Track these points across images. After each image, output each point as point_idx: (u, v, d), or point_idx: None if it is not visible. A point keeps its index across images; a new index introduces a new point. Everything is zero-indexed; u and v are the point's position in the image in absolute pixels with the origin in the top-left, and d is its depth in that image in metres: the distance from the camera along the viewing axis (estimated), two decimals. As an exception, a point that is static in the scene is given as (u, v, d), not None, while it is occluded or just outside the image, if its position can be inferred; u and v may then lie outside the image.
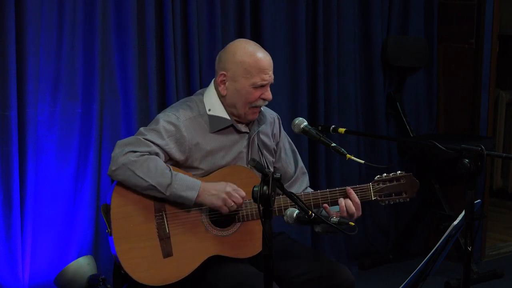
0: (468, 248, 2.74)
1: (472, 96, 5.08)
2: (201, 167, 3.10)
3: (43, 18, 3.56)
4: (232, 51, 3.11)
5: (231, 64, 3.08)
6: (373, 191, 3.11)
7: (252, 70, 3.06)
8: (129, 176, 2.97)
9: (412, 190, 3.15)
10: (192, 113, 3.12)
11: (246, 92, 3.07)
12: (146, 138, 3.02)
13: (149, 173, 2.95)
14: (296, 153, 3.37)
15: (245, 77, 3.06)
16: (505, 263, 5.06)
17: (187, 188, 2.97)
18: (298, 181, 3.32)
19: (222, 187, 2.99)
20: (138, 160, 2.97)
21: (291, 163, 3.32)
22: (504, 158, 2.96)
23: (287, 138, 3.36)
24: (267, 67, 3.08)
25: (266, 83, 3.08)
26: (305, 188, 3.33)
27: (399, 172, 3.14)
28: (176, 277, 3.00)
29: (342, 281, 3.06)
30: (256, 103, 3.10)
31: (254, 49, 3.10)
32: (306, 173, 3.37)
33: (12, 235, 3.50)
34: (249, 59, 3.07)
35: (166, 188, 2.96)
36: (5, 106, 3.46)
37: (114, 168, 2.99)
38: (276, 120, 3.32)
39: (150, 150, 3.01)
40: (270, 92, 3.11)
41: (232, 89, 3.09)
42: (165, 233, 3.00)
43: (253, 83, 3.06)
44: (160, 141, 3.03)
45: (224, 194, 2.97)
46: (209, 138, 3.11)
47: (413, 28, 5.05)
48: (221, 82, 3.11)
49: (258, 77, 3.06)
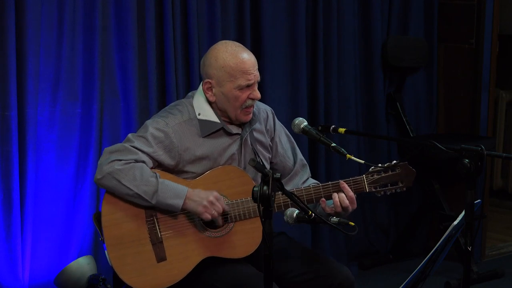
0: (468, 248, 2.74)
1: (472, 96, 5.08)
2: (193, 171, 3.07)
3: (43, 18, 3.56)
4: (214, 56, 3.07)
5: (214, 70, 3.05)
6: (367, 182, 3.06)
7: (235, 72, 3.03)
8: (115, 185, 2.95)
9: (408, 179, 3.10)
10: (182, 118, 3.09)
11: (233, 96, 3.05)
12: (134, 145, 2.99)
13: (135, 181, 2.93)
14: (294, 145, 3.33)
15: (229, 81, 3.03)
16: (505, 263, 5.06)
17: (173, 196, 2.95)
18: (298, 174, 3.30)
19: (205, 195, 2.97)
20: (123, 169, 2.94)
21: (290, 157, 3.29)
22: (504, 158, 2.96)
23: (284, 131, 3.32)
24: (250, 67, 3.05)
25: (251, 82, 3.05)
26: (306, 179, 3.31)
27: (394, 161, 3.11)
28: (171, 281, 2.99)
29: (341, 281, 3.05)
30: (245, 104, 3.08)
31: (235, 51, 3.06)
32: (306, 165, 3.33)
33: (12, 235, 3.51)
34: (230, 62, 3.03)
35: (152, 196, 2.94)
36: (5, 106, 3.46)
37: (99, 176, 2.97)
38: (270, 115, 3.28)
39: (137, 158, 2.98)
40: (257, 91, 3.08)
41: (219, 95, 3.07)
42: (157, 237, 2.99)
43: (238, 85, 3.03)
44: (147, 148, 3.00)
45: (206, 202, 2.96)
46: (200, 143, 3.09)
47: (413, 28, 5.05)
48: (207, 89, 3.09)
49: (242, 79, 3.03)
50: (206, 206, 2.96)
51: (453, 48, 5.13)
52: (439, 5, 5.10)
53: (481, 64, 5.01)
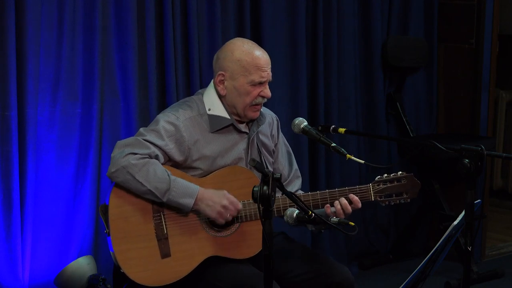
0: (468, 248, 2.74)
1: (472, 96, 5.08)
2: (200, 167, 3.09)
3: (43, 18, 3.56)
4: (230, 50, 3.11)
5: (229, 62, 3.09)
6: (373, 191, 3.11)
7: (250, 67, 3.07)
8: (128, 179, 2.96)
9: (413, 190, 3.14)
10: (192, 113, 3.12)
11: (244, 90, 3.08)
12: (146, 139, 3.02)
13: (148, 177, 2.95)
14: (291, 155, 3.38)
15: (243, 75, 3.07)
16: (505, 263, 5.06)
17: (184, 195, 2.97)
18: (291, 183, 3.33)
19: (219, 199, 2.99)
20: (137, 164, 2.96)
21: (286, 166, 3.33)
22: (504, 158, 2.96)
23: (283, 141, 3.37)
24: (265, 65, 3.09)
25: (264, 80, 3.09)
26: (296, 190, 3.32)
27: (400, 172, 3.13)
28: (174, 277, 3.00)
29: (341, 281, 3.06)
30: (255, 100, 3.10)
31: (251, 47, 3.11)
32: (300, 177, 3.38)
33: (12, 235, 3.50)
34: (246, 57, 3.07)
35: (163, 194, 2.96)
36: (5, 106, 3.46)
37: (113, 170, 2.98)
38: (275, 122, 3.32)
39: (150, 153, 3.00)
40: (269, 89, 3.12)
41: (231, 88, 3.10)
42: (163, 233, 3.00)
43: (251, 81, 3.07)
44: (160, 142, 3.02)
45: (220, 207, 2.98)
46: (209, 138, 3.11)
47: (413, 28, 5.05)
48: (219, 82, 3.12)
49: (256, 75, 3.07)
50: (220, 212, 2.99)
51: (453, 48, 5.13)
52: (439, 5, 5.10)
53: (481, 64, 5.01)
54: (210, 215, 2.99)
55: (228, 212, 2.99)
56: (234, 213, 3.00)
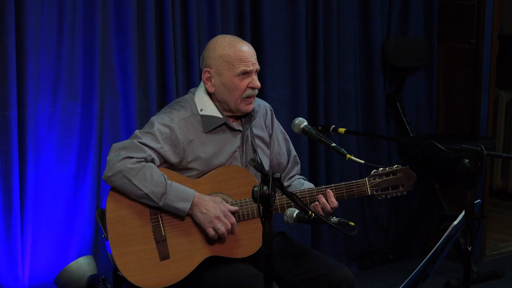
0: (468, 248, 2.74)
1: (472, 96, 5.08)
2: (196, 168, 3.09)
3: (43, 18, 3.56)
4: (212, 47, 3.12)
5: (213, 59, 3.09)
6: (370, 185, 3.10)
7: (233, 61, 3.07)
8: (124, 183, 2.95)
9: (409, 183, 3.14)
10: (185, 113, 3.11)
11: (232, 84, 3.07)
12: (142, 142, 3.00)
13: (145, 181, 2.94)
14: (289, 142, 3.37)
15: (228, 69, 3.07)
16: (505, 263, 5.06)
17: (180, 199, 2.96)
18: (291, 170, 3.33)
19: (214, 209, 2.99)
20: (134, 168, 2.95)
21: (284, 154, 3.32)
22: (504, 158, 2.96)
23: (279, 128, 3.35)
24: (248, 56, 3.09)
25: (250, 69, 3.08)
26: (293, 175, 3.33)
27: (396, 165, 3.13)
28: (174, 279, 3.00)
29: (341, 280, 3.05)
30: (246, 93, 3.09)
31: (233, 41, 3.11)
32: (298, 163, 3.37)
33: (12, 235, 3.50)
34: (229, 51, 3.07)
35: (160, 198, 2.95)
36: (5, 106, 3.46)
37: (110, 174, 2.97)
38: (268, 111, 3.31)
39: (146, 156, 2.99)
40: (257, 80, 3.11)
41: (219, 85, 3.10)
42: (161, 236, 3.00)
43: (237, 73, 3.06)
44: (155, 144, 3.01)
45: (214, 218, 2.98)
46: (203, 138, 3.10)
47: (413, 28, 5.05)
48: (207, 80, 3.12)
49: (241, 66, 3.07)
50: (212, 221, 2.99)
51: (453, 48, 5.13)
52: (439, 5, 5.10)
53: (481, 64, 5.01)
54: (203, 224, 2.99)
55: (221, 224, 2.99)
56: (227, 226, 2.99)
